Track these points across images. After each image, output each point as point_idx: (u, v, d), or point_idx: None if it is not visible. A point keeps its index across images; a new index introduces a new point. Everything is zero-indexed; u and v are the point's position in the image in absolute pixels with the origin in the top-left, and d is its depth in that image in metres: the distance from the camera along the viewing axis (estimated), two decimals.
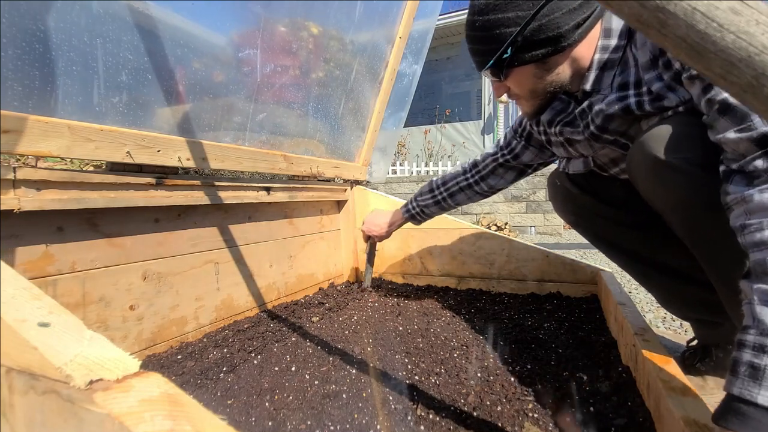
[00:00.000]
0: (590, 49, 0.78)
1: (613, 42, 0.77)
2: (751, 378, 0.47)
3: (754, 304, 0.51)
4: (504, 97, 0.90)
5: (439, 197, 1.30)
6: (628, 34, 0.77)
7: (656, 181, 0.73)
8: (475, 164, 1.26)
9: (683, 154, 0.68)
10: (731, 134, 0.58)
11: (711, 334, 1.00)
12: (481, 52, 0.81)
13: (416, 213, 1.34)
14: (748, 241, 0.55)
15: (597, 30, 0.77)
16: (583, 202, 1.06)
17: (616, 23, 0.77)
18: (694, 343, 1.06)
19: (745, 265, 0.55)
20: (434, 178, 1.35)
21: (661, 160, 0.70)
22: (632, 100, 0.76)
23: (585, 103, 0.84)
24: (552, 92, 0.85)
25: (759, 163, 0.55)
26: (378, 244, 1.59)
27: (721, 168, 0.61)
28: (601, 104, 0.81)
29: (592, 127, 0.85)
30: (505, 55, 0.77)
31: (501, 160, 1.20)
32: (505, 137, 1.21)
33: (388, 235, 1.45)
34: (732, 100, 0.60)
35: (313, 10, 1.37)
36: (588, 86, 0.81)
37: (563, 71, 0.80)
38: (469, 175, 1.26)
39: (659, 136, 0.71)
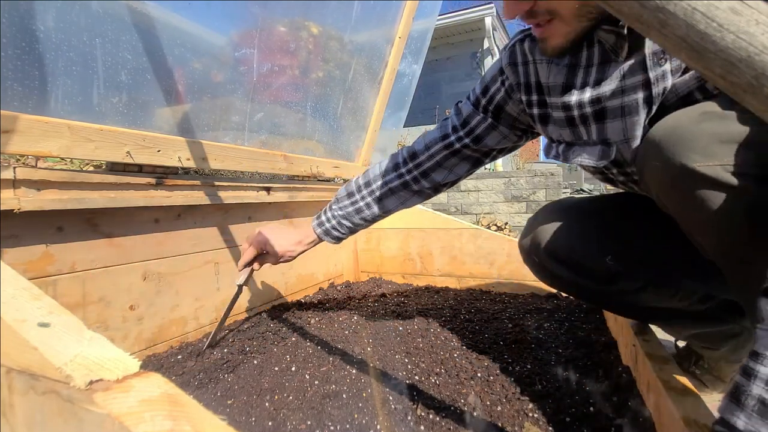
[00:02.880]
0: None
1: None
2: (761, 415, 0.42)
3: None
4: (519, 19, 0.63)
5: (362, 203, 0.96)
6: None
7: (681, 197, 0.54)
8: (413, 154, 0.92)
9: (719, 160, 0.49)
10: None
11: (706, 353, 0.98)
12: None
13: (332, 227, 0.98)
14: None
15: None
16: (568, 280, 0.84)
17: None
18: (683, 344, 1.03)
19: None
20: (356, 177, 0.99)
21: (689, 170, 0.50)
22: None
23: (648, 51, 0.61)
24: (605, 17, 0.59)
25: None
26: (370, 244, 1.41)
27: None
28: (671, 64, 0.60)
29: (660, 86, 0.61)
30: None
31: (457, 146, 0.88)
32: (458, 112, 0.88)
33: (292, 257, 1.02)
34: None
35: (311, 9, 1.37)
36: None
37: None
38: (404, 170, 0.93)
39: (684, 134, 0.52)
